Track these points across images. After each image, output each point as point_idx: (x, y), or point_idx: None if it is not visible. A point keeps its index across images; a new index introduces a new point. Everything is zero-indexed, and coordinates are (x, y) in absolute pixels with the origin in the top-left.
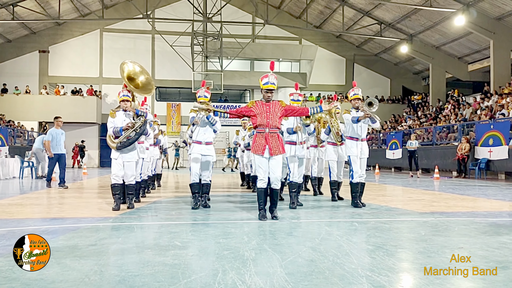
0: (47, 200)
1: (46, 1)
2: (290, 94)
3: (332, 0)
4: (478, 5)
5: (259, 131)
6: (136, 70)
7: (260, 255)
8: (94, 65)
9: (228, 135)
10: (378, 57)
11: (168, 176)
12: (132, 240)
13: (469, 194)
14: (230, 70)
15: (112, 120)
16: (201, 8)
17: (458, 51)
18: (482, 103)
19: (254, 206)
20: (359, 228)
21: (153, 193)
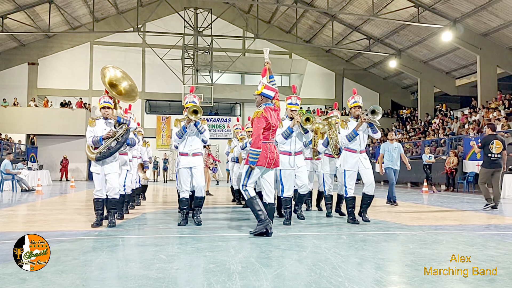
0: (32, 213)
1: (36, 13)
2: (287, 98)
3: (321, 15)
4: (465, 21)
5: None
6: (118, 76)
7: (246, 268)
8: (84, 78)
9: (218, 148)
10: (367, 71)
11: (156, 189)
12: (117, 253)
13: (457, 208)
14: (220, 84)
15: (92, 129)
16: (192, 22)
17: (446, 66)
18: (469, 117)
19: (243, 218)
20: (347, 241)
21: (138, 208)
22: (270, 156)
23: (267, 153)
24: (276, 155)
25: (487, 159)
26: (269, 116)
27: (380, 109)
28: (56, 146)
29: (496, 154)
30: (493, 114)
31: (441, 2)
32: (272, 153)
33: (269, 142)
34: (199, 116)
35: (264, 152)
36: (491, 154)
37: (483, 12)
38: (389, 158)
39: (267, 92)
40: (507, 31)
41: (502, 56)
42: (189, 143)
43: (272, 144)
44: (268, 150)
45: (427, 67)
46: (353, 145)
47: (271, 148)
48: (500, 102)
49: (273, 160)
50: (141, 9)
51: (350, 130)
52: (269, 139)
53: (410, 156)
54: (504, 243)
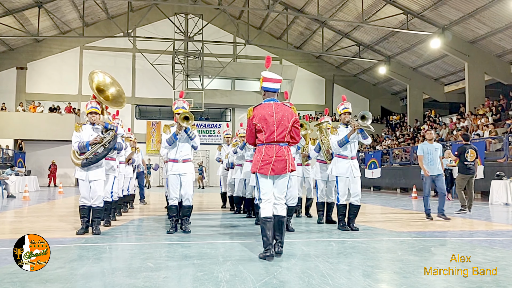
0: (18, 220)
1: (25, 17)
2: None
3: (312, 22)
4: (453, 28)
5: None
6: (106, 81)
7: (235, 276)
8: (73, 83)
9: (208, 153)
10: (357, 77)
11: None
12: (103, 261)
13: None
14: (211, 89)
15: (78, 134)
16: (183, 27)
17: (435, 73)
18: (458, 124)
19: (232, 225)
20: (336, 248)
21: (126, 214)
22: (263, 160)
23: (259, 158)
24: (279, 159)
25: (463, 166)
26: (256, 116)
27: (370, 114)
28: (44, 151)
29: (471, 162)
30: (481, 120)
31: (430, 9)
32: (268, 157)
33: (267, 144)
34: (190, 123)
35: (256, 157)
36: (466, 162)
37: (471, 20)
38: (429, 162)
39: (267, 85)
40: (495, 38)
41: (490, 63)
42: (179, 149)
43: (272, 147)
44: (262, 153)
45: (416, 74)
46: (344, 151)
47: (267, 151)
48: (487, 108)
49: (269, 165)
50: (132, 14)
51: (340, 136)
52: (266, 141)
53: (399, 162)
54: (491, 249)
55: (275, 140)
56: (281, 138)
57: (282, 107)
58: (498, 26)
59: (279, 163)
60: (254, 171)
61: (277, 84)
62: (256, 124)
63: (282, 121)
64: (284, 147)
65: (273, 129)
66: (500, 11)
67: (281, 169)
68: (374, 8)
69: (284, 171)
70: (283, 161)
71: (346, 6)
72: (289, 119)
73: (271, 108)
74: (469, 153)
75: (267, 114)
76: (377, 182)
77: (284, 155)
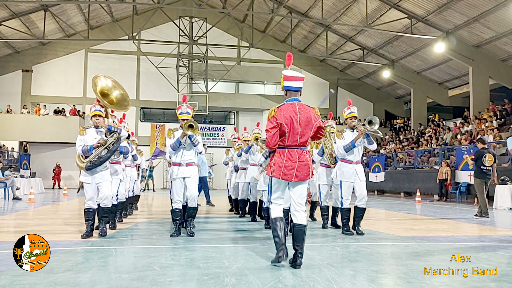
0: (24, 222)
1: (31, 21)
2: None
3: (316, 26)
4: (458, 33)
5: None
6: (109, 85)
7: (240, 280)
8: (78, 85)
9: (212, 156)
10: (361, 81)
11: (149, 197)
12: (110, 264)
13: (450, 218)
14: (215, 92)
15: (82, 137)
16: (187, 30)
17: (439, 77)
18: (462, 128)
19: (238, 229)
20: (341, 253)
21: (131, 217)
22: (286, 166)
23: (281, 162)
24: (302, 164)
25: (480, 170)
26: (281, 116)
27: (377, 118)
28: (49, 153)
29: (488, 166)
30: (485, 124)
31: (434, 14)
32: (291, 162)
33: (290, 148)
34: (195, 132)
35: (277, 161)
36: (483, 166)
37: (476, 24)
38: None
39: (289, 84)
40: (499, 43)
41: (494, 68)
42: (183, 153)
43: (294, 151)
44: (284, 158)
45: (420, 78)
46: (349, 156)
47: (289, 155)
48: (492, 113)
49: (293, 170)
50: (136, 17)
51: (346, 141)
52: (288, 145)
53: (403, 166)
54: (496, 255)
55: (297, 144)
56: (303, 142)
57: (306, 109)
58: (503, 31)
59: (303, 168)
60: (275, 176)
61: (299, 82)
62: (282, 124)
63: (307, 124)
64: (305, 152)
65: (297, 131)
66: (505, 15)
67: (304, 174)
68: (378, 12)
69: (308, 176)
70: (306, 166)
71: (350, 10)
72: (313, 123)
73: (295, 108)
74: (487, 158)
75: (292, 115)
76: (380, 186)
77: (306, 160)
